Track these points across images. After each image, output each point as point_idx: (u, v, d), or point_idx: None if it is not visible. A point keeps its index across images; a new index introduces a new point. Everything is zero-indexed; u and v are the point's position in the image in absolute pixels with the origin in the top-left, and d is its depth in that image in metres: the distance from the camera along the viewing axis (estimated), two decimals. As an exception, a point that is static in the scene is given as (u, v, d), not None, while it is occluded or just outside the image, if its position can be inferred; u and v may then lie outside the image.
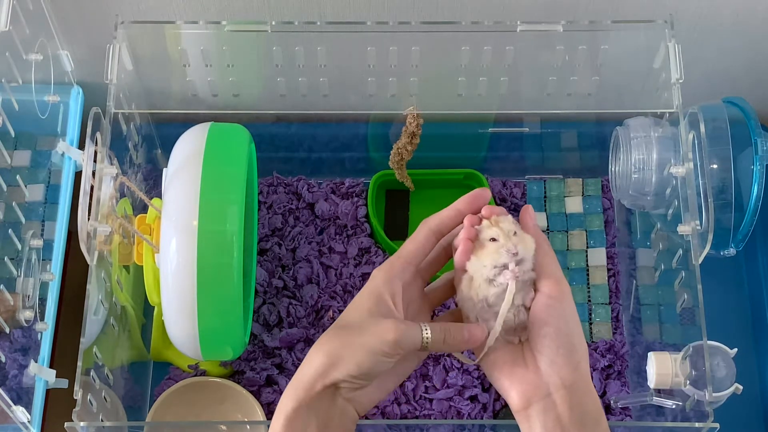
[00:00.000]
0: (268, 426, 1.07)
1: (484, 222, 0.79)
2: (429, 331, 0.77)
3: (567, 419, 0.76)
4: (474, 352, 0.81)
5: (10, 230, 1.03)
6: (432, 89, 1.12)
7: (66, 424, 0.90)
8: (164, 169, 0.98)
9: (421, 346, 0.77)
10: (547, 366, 0.77)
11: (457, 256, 0.79)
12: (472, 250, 0.78)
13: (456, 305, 0.82)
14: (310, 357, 0.77)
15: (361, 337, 0.76)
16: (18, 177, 1.09)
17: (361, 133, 1.22)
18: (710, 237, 0.95)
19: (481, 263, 0.78)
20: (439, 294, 0.84)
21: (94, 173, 0.97)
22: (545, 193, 1.24)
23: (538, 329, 0.77)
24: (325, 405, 0.76)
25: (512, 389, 0.78)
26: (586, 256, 1.20)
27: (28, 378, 0.98)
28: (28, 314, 1.01)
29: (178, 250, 0.94)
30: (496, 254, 0.77)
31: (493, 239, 0.78)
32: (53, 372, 0.96)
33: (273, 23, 1.03)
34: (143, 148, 1.14)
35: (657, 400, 1.00)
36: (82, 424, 0.91)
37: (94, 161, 0.97)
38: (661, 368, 0.97)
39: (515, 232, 0.78)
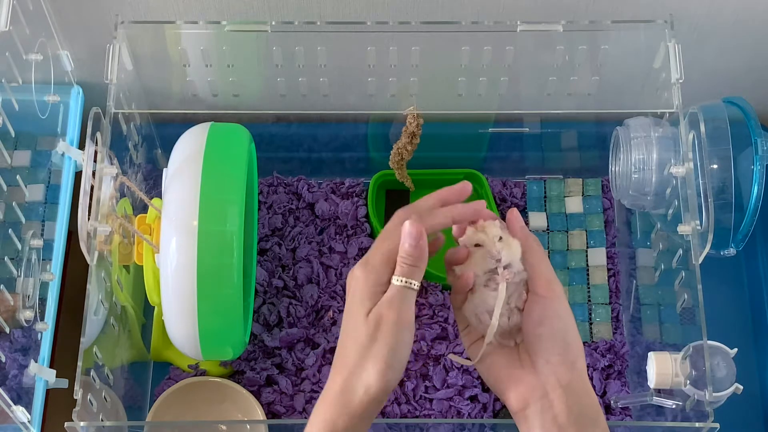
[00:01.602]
0: (268, 426, 1.08)
1: (469, 229, 0.79)
2: (401, 278, 0.77)
3: (564, 419, 0.76)
4: (470, 356, 0.82)
5: (10, 230, 1.03)
6: (432, 89, 1.12)
7: (66, 424, 0.90)
8: (164, 169, 0.98)
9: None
10: (542, 366, 0.77)
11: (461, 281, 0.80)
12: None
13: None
14: (366, 382, 0.76)
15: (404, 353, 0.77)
16: (18, 177, 1.09)
17: (361, 133, 1.22)
18: (710, 237, 0.95)
19: (472, 271, 0.78)
20: None
21: (94, 173, 0.97)
22: (545, 193, 1.24)
23: (532, 330, 0.77)
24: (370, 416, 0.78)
25: (509, 391, 0.78)
26: (586, 256, 1.20)
27: (28, 378, 0.98)
28: (28, 314, 1.01)
29: (178, 250, 0.94)
30: (483, 260, 0.78)
31: (478, 245, 0.78)
32: (53, 372, 0.96)
33: (273, 23, 1.03)
34: (143, 148, 1.14)
35: (657, 400, 1.00)
36: (82, 424, 0.91)
37: (94, 161, 0.97)
38: (661, 368, 0.97)
39: (501, 237, 0.79)
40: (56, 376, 0.96)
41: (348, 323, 0.78)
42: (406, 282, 0.77)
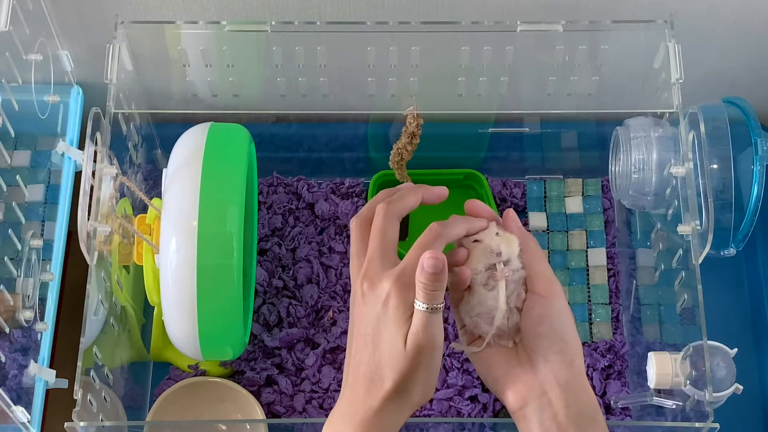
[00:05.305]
0: (268, 426, 1.08)
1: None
2: (428, 304, 0.75)
3: (563, 417, 0.76)
4: (468, 354, 0.82)
5: (10, 230, 1.03)
6: (432, 89, 1.12)
7: (66, 424, 0.90)
8: (164, 169, 0.98)
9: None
10: (541, 365, 0.77)
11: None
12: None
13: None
14: (410, 403, 0.77)
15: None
16: (18, 177, 1.09)
17: (361, 133, 1.22)
18: (710, 237, 0.95)
19: (472, 269, 0.78)
20: None
21: (94, 173, 0.97)
22: (545, 193, 1.24)
23: (531, 328, 0.77)
24: None
25: (507, 389, 0.78)
26: (586, 256, 1.20)
27: (28, 378, 0.98)
28: (28, 314, 1.01)
29: (178, 250, 0.94)
30: (482, 256, 0.78)
31: (476, 241, 0.79)
32: (53, 372, 0.96)
33: (273, 23, 1.03)
34: (143, 148, 1.14)
35: (657, 400, 1.00)
36: (82, 424, 0.91)
37: (94, 161, 0.97)
38: (661, 368, 0.97)
39: (497, 233, 0.79)
40: (56, 376, 0.96)
41: (382, 344, 0.76)
42: (433, 306, 0.75)
